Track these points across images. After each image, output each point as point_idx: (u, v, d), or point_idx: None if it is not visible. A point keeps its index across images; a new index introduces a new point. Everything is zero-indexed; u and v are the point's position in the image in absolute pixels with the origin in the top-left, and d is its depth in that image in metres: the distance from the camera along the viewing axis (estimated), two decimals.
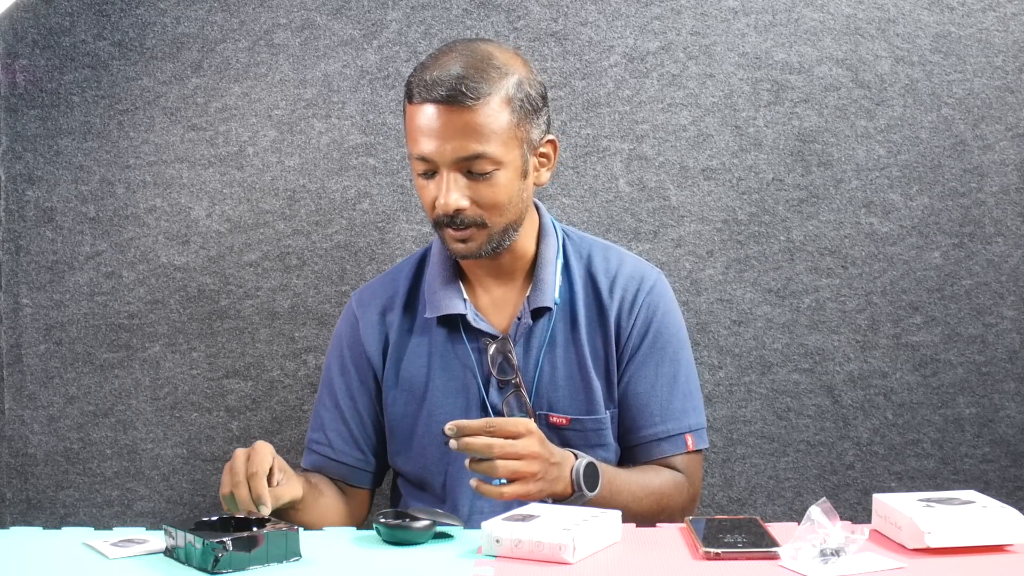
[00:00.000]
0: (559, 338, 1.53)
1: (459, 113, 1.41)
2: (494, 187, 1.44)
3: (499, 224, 1.47)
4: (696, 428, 1.55)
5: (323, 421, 1.59)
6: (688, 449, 1.53)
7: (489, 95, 1.42)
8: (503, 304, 1.55)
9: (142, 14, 1.95)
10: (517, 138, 1.45)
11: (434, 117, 1.42)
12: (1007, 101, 1.97)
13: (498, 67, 1.44)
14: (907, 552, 1.16)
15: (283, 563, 1.15)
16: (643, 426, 1.53)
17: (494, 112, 1.42)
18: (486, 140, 1.42)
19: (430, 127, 1.42)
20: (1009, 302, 1.98)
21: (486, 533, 1.18)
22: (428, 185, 1.46)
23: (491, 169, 1.43)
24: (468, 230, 1.46)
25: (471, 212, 1.44)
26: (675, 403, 1.53)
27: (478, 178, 1.43)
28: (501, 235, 1.48)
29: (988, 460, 1.99)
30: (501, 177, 1.45)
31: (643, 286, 1.55)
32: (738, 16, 1.95)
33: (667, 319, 1.56)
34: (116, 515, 1.97)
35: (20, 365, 1.96)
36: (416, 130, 1.44)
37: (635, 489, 1.45)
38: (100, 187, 1.96)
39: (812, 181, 1.97)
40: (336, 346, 1.61)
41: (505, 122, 1.43)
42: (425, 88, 1.42)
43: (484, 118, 1.42)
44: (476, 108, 1.41)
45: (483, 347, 1.51)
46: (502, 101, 1.43)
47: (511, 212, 1.48)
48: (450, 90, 1.40)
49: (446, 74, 1.41)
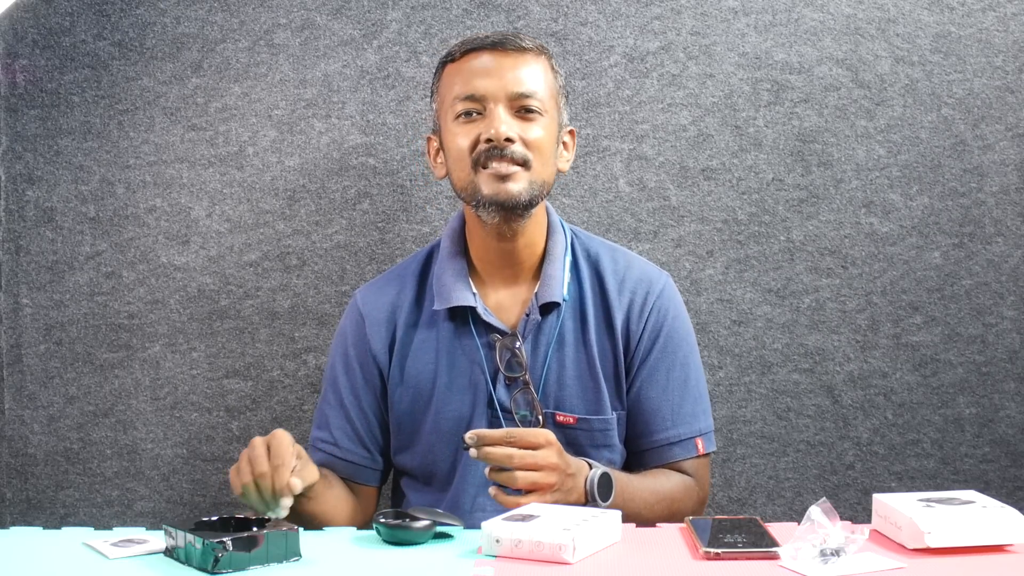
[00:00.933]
0: (568, 336, 1.52)
1: (513, 55, 1.48)
2: (541, 130, 1.48)
3: (539, 173, 1.48)
4: (705, 432, 1.56)
5: (328, 420, 1.58)
6: (698, 453, 1.54)
7: (537, 51, 1.51)
8: (512, 300, 1.54)
9: (142, 14, 1.95)
10: (556, 104, 1.52)
11: (486, 60, 1.48)
12: (1007, 101, 1.97)
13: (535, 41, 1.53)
14: (907, 552, 1.16)
15: (283, 563, 1.15)
16: (655, 431, 1.53)
17: (542, 67, 1.51)
18: (537, 83, 1.49)
19: (483, 67, 1.47)
20: (1009, 302, 1.98)
21: (486, 533, 1.18)
22: (471, 128, 1.48)
23: (539, 110, 1.48)
24: (514, 167, 1.46)
25: (520, 147, 1.46)
26: (686, 407, 1.54)
27: (527, 115, 1.48)
28: (539, 187, 1.49)
29: (988, 460, 1.99)
30: (546, 125, 1.49)
31: (652, 289, 1.55)
32: (738, 16, 1.95)
33: (677, 323, 1.56)
34: (116, 515, 1.97)
35: (20, 365, 1.96)
36: (464, 75, 1.48)
37: (647, 495, 1.45)
38: (100, 187, 1.96)
39: (812, 181, 1.97)
40: (340, 344, 1.60)
41: (550, 81, 1.52)
42: (473, 43, 1.49)
43: (535, 64, 1.50)
44: (528, 54, 1.49)
45: (491, 343, 1.51)
46: (546, 63, 1.52)
47: (548, 167, 1.50)
48: (503, 37, 1.49)
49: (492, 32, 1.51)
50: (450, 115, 1.48)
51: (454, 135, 1.48)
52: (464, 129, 1.47)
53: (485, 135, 1.45)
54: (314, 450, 1.58)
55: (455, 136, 1.48)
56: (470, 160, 1.46)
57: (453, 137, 1.48)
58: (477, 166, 1.46)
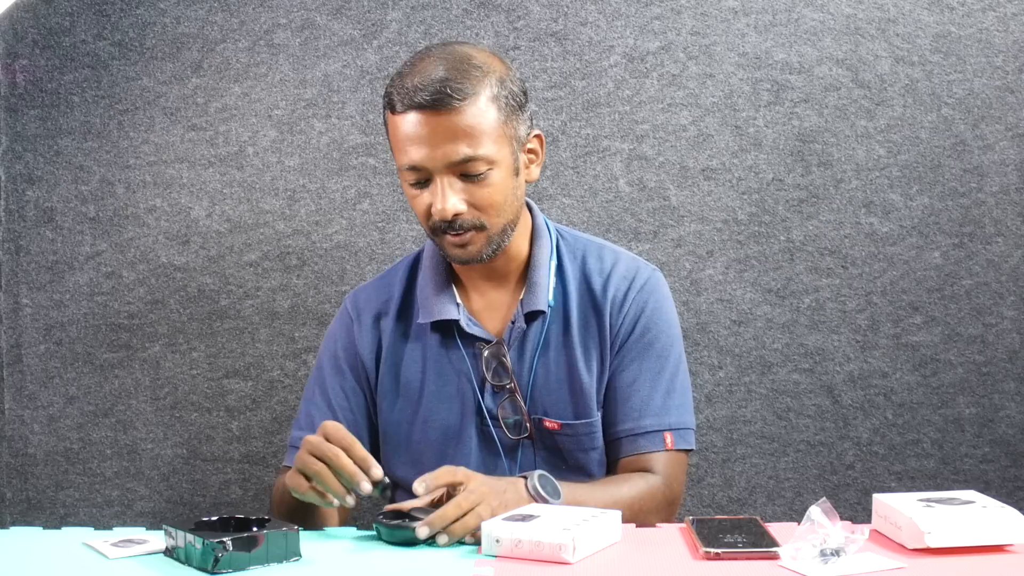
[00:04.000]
0: (553, 341, 1.51)
1: (446, 116, 1.39)
2: (489, 187, 1.43)
3: (497, 225, 1.45)
4: (678, 427, 1.50)
5: (314, 420, 1.54)
6: (667, 447, 1.49)
7: (475, 94, 1.40)
8: (496, 308, 1.54)
9: (142, 14, 1.95)
10: (506, 136, 1.43)
11: (421, 124, 1.39)
12: (1007, 101, 1.97)
13: (479, 66, 1.42)
14: (907, 552, 1.16)
15: (283, 563, 1.15)
16: (621, 420, 1.50)
17: (481, 111, 1.40)
18: (477, 141, 1.40)
19: (418, 134, 1.40)
20: (1009, 302, 1.98)
21: (486, 533, 1.18)
22: (421, 194, 1.44)
23: (485, 170, 1.41)
24: (468, 234, 1.44)
25: (469, 216, 1.43)
26: (656, 399, 1.50)
27: (473, 180, 1.42)
28: (500, 236, 1.47)
29: (988, 460, 1.99)
30: (495, 176, 1.43)
31: (635, 283, 1.53)
32: (738, 16, 1.95)
33: (656, 315, 1.53)
34: (116, 515, 1.97)
35: (20, 365, 1.96)
36: (403, 140, 1.41)
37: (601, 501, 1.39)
38: (100, 187, 1.96)
39: (812, 181, 1.97)
40: (330, 346, 1.59)
41: (493, 120, 1.41)
42: (407, 95, 1.39)
43: (472, 118, 1.40)
44: (463, 109, 1.39)
45: (477, 352, 1.50)
46: (488, 99, 1.41)
47: (508, 212, 1.46)
48: (434, 94, 1.38)
49: (427, 79, 1.39)
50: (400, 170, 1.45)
51: (410, 195, 1.46)
52: (415, 193, 1.45)
53: (433, 210, 1.42)
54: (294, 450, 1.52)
55: (411, 197, 1.46)
56: (427, 225, 1.46)
57: (409, 196, 1.47)
58: (436, 232, 1.45)
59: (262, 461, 1.97)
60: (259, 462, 1.97)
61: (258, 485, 1.97)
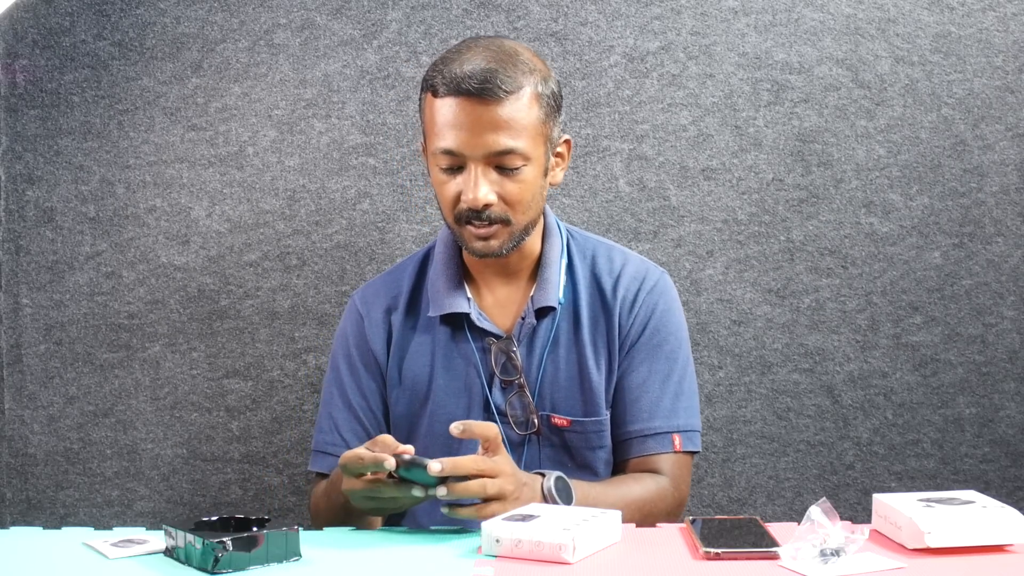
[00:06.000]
0: (562, 338, 1.52)
1: (492, 106, 1.40)
2: (521, 183, 1.44)
3: (521, 222, 1.46)
4: (685, 429, 1.52)
5: (336, 423, 1.56)
6: (675, 449, 1.50)
7: (520, 89, 1.41)
8: (507, 303, 1.54)
9: (142, 14, 1.95)
10: (542, 135, 1.45)
11: (464, 110, 1.40)
12: (1007, 101, 1.97)
13: (526, 62, 1.43)
14: (907, 552, 1.16)
15: (283, 563, 1.15)
16: (630, 421, 1.51)
17: (525, 106, 1.42)
18: (517, 134, 1.41)
19: (460, 121, 1.40)
20: (1009, 302, 1.98)
21: (486, 533, 1.18)
22: (451, 180, 1.44)
23: (520, 164, 1.43)
24: (493, 227, 1.44)
25: (498, 208, 1.43)
26: (665, 401, 1.51)
27: (507, 173, 1.42)
28: (522, 233, 1.48)
29: (988, 460, 1.99)
30: (528, 173, 1.44)
31: (645, 285, 1.55)
32: (738, 16, 1.95)
33: (666, 318, 1.55)
34: (116, 515, 1.97)
35: (20, 365, 1.96)
36: (442, 124, 1.41)
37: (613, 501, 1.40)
38: (100, 187, 1.96)
39: (812, 181, 1.97)
40: (342, 345, 1.59)
41: (535, 117, 1.43)
42: (453, 81, 1.40)
43: (515, 112, 1.41)
44: (508, 101, 1.40)
45: (487, 346, 1.51)
46: (531, 96, 1.42)
47: (532, 210, 1.47)
48: (483, 83, 1.39)
49: (475, 67, 1.40)
50: (431, 153, 1.45)
51: (438, 181, 1.46)
52: (444, 178, 1.45)
53: (464, 198, 1.43)
54: (323, 455, 1.56)
55: (439, 183, 1.46)
56: (452, 213, 1.46)
57: (437, 181, 1.47)
58: (460, 221, 1.45)
59: (262, 461, 1.97)
60: (259, 462, 1.97)
61: (258, 485, 1.98)
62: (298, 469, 1.97)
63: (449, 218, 1.47)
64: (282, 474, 1.97)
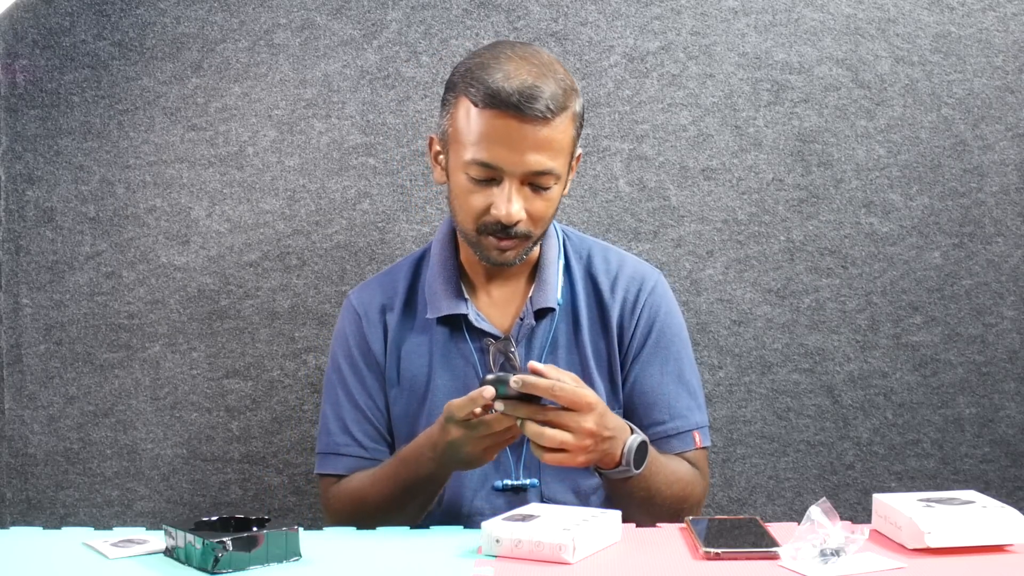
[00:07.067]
0: (561, 339, 1.52)
1: (538, 126, 1.38)
2: (548, 201, 1.44)
3: (538, 236, 1.48)
4: (701, 426, 1.55)
5: (345, 423, 1.55)
6: (696, 446, 1.54)
7: (564, 110, 1.40)
8: (505, 304, 1.54)
9: (142, 14, 1.95)
10: (571, 154, 1.46)
11: (509, 127, 1.38)
12: (1007, 101, 1.97)
13: (563, 79, 1.41)
14: (907, 552, 1.16)
15: (283, 563, 1.15)
16: (651, 424, 1.52)
17: (565, 128, 1.41)
18: (555, 155, 1.41)
19: (502, 136, 1.38)
20: (1009, 302, 1.98)
21: (486, 533, 1.18)
22: (480, 191, 1.42)
23: (552, 184, 1.43)
24: (514, 240, 1.45)
25: (524, 224, 1.44)
26: (681, 401, 1.54)
27: (538, 191, 1.43)
28: (534, 245, 1.50)
29: (988, 460, 1.99)
30: (555, 191, 1.45)
31: (644, 286, 1.56)
32: (738, 16, 1.95)
33: (669, 319, 1.56)
34: (116, 515, 1.97)
35: (20, 365, 1.96)
36: (482, 136, 1.39)
37: (668, 474, 1.43)
38: (100, 187, 1.96)
39: (812, 181, 1.97)
40: (342, 346, 1.59)
41: (570, 138, 1.43)
42: (498, 95, 1.37)
43: (557, 132, 1.40)
44: (553, 123, 1.39)
45: (485, 347, 1.51)
46: (571, 117, 1.42)
47: (548, 224, 1.50)
48: (531, 100, 1.36)
49: (523, 84, 1.37)
50: (462, 161, 1.42)
51: (465, 188, 1.44)
52: (475, 189, 1.43)
53: (495, 212, 1.42)
54: (336, 456, 1.55)
55: (466, 191, 1.44)
56: (475, 223, 1.44)
57: (464, 189, 1.44)
58: (482, 232, 1.45)
59: (262, 461, 1.97)
60: (259, 462, 1.97)
61: (258, 485, 1.97)
62: (298, 469, 1.97)
63: (470, 226, 1.46)
64: (282, 474, 1.97)
